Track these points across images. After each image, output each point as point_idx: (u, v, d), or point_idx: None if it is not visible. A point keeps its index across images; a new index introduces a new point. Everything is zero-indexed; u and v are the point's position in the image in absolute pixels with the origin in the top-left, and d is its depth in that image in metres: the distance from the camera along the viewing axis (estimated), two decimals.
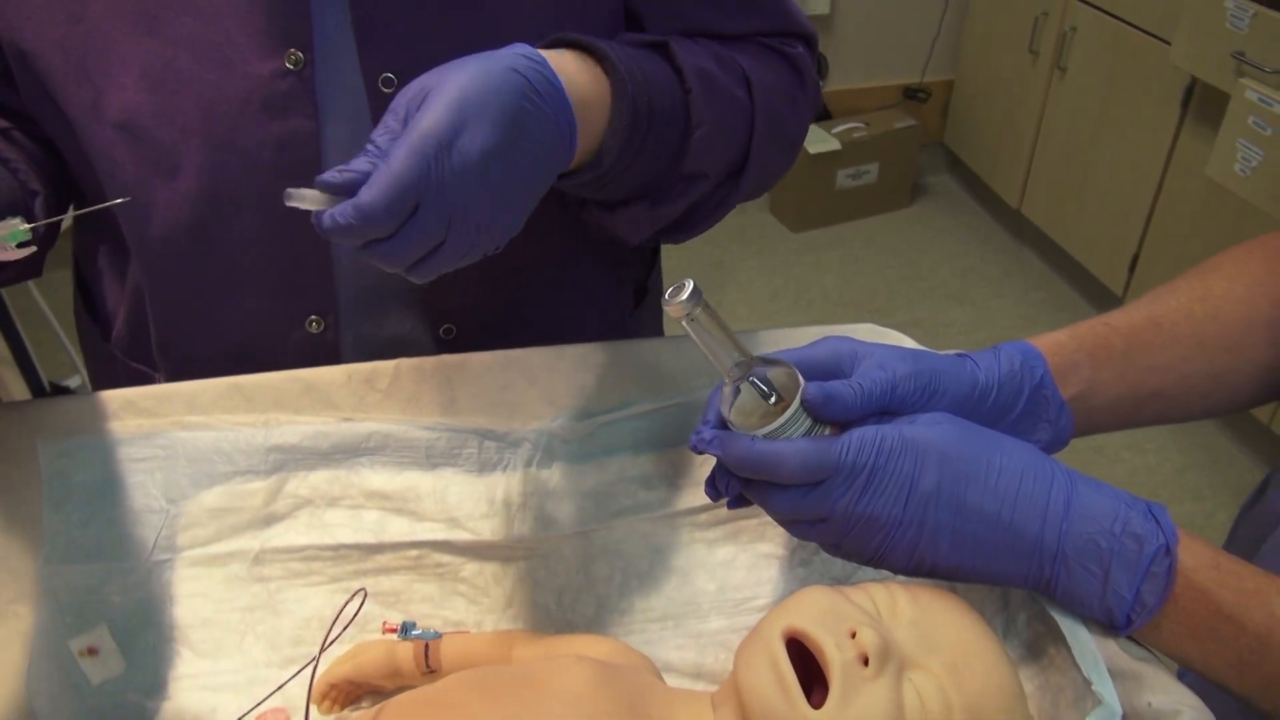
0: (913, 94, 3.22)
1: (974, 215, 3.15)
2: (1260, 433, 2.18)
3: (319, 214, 0.52)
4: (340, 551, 0.69)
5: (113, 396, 0.69)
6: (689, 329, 0.53)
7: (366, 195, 0.51)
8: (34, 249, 0.58)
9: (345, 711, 0.64)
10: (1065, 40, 2.57)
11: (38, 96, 0.68)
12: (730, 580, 0.70)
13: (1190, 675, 0.55)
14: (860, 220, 3.06)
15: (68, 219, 0.71)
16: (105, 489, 0.67)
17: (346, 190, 0.52)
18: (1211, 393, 0.64)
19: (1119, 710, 0.48)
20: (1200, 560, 0.50)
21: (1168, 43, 2.18)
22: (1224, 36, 1.98)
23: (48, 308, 2.01)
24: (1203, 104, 2.18)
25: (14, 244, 0.56)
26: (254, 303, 0.74)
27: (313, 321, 0.74)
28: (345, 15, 0.66)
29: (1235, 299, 0.64)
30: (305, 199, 0.53)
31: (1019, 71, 2.80)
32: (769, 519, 0.67)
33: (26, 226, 0.56)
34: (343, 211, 0.51)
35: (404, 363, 0.71)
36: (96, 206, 0.66)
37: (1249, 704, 0.50)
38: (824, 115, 3.13)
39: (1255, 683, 0.49)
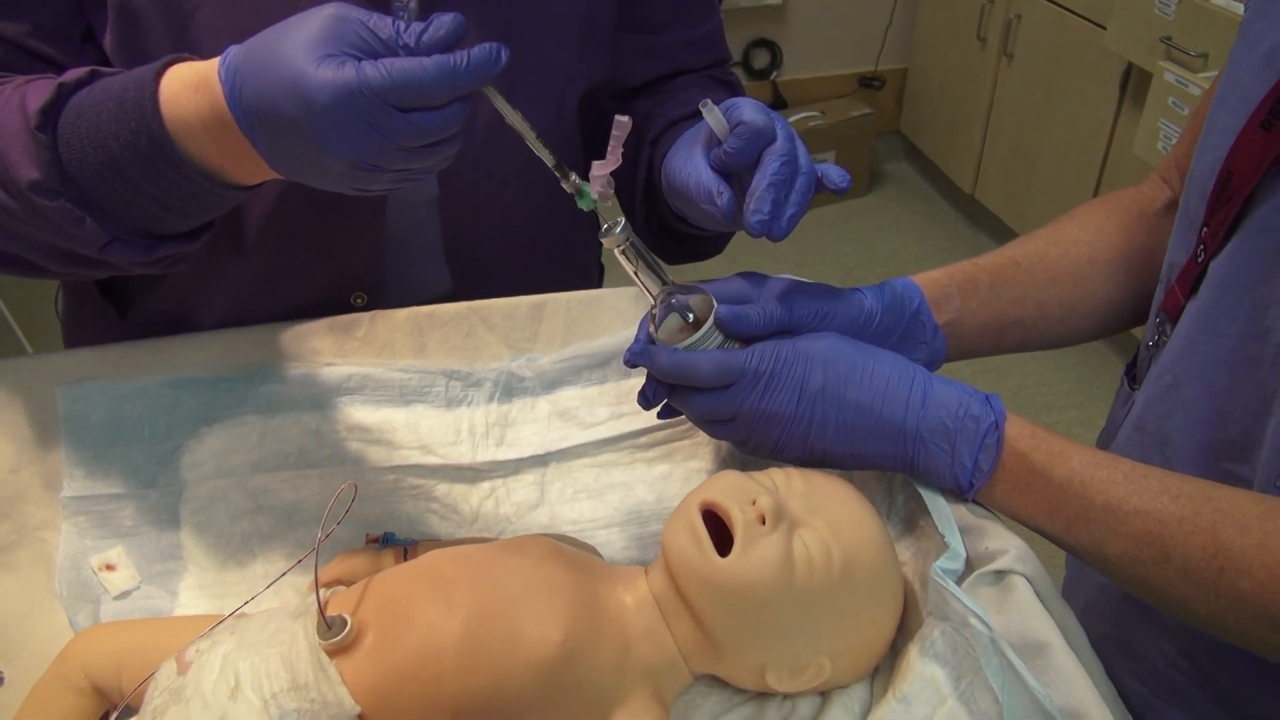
0: (867, 82, 3.29)
1: (930, 202, 3.22)
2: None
3: None
4: (327, 478, 0.79)
5: (122, 349, 0.78)
6: (621, 260, 0.64)
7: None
8: None
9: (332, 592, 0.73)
10: (1011, 27, 2.67)
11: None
12: (667, 492, 0.80)
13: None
14: (817, 209, 3.12)
15: None
16: (117, 428, 0.76)
17: None
18: (1064, 320, 0.76)
19: (963, 553, 0.59)
20: (1021, 432, 0.62)
21: (1105, 28, 2.29)
22: (1153, 22, 2.09)
23: None
24: (1137, 87, 2.27)
25: None
26: (311, 279, 0.83)
27: (357, 297, 0.85)
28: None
29: (1082, 243, 0.77)
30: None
31: (969, 59, 2.89)
32: (699, 439, 0.78)
33: None
34: None
35: (379, 314, 0.81)
36: None
37: (1060, 544, 0.61)
38: (779, 104, 3.21)
39: (1061, 525, 0.60)
